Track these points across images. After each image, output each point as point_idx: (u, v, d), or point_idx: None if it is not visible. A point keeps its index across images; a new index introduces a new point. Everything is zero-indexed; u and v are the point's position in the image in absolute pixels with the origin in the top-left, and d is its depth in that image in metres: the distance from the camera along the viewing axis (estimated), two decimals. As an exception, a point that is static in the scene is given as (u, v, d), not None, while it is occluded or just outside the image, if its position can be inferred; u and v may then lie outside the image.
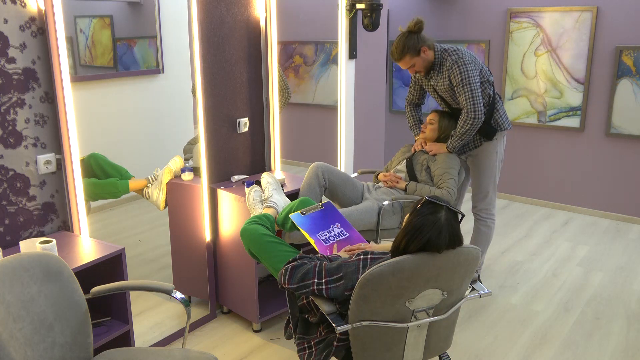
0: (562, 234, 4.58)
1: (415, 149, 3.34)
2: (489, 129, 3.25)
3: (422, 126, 3.38)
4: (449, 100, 3.25)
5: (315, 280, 1.96)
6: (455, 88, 3.11)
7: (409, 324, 1.91)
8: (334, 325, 1.87)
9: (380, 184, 3.28)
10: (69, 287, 1.94)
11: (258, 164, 3.46)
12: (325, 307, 1.93)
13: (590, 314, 3.29)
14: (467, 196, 5.21)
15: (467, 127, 3.09)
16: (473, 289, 2.14)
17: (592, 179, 4.97)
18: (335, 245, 2.51)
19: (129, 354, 2.00)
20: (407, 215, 1.94)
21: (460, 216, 1.94)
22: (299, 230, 2.59)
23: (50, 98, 2.40)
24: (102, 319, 2.48)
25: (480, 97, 3.07)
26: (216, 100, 3.10)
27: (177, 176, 3.05)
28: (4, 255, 2.26)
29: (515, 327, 3.15)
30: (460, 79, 3.06)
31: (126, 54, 2.77)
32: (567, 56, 4.84)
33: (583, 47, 4.76)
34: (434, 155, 3.22)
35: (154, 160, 2.98)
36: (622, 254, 4.17)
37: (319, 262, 2.02)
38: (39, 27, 2.32)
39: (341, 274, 1.94)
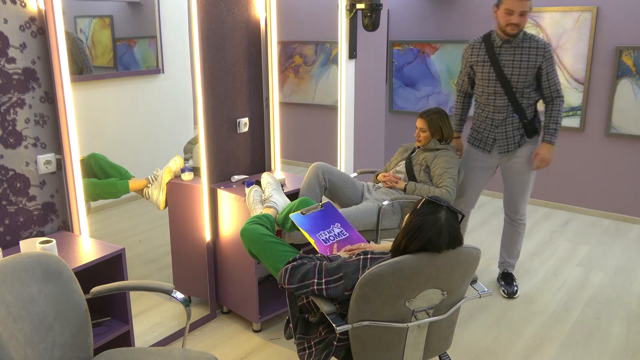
0: (562, 234, 4.57)
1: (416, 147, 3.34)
2: (533, 127, 3.24)
3: (415, 135, 3.34)
4: (514, 81, 3.14)
5: (315, 280, 1.96)
6: (546, 73, 3.15)
7: (409, 324, 1.91)
8: (334, 325, 1.87)
9: (379, 184, 3.28)
10: (69, 287, 1.94)
11: (258, 164, 3.46)
12: (325, 307, 1.93)
13: (590, 314, 3.29)
14: (480, 200, 5.13)
15: (561, 112, 3.19)
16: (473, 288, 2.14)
17: (592, 179, 4.97)
18: (335, 245, 2.51)
19: (129, 354, 2.00)
20: (407, 215, 1.94)
21: (460, 216, 1.94)
22: (299, 230, 2.59)
23: (50, 98, 2.40)
24: (102, 319, 2.48)
25: None
26: (216, 100, 3.10)
27: (177, 176, 3.05)
28: (4, 255, 2.26)
29: (515, 327, 3.15)
30: (550, 63, 3.14)
31: (126, 54, 2.77)
32: (567, 56, 4.84)
33: (583, 47, 4.76)
34: (547, 161, 3.20)
35: (154, 160, 2.98)
36: (622, 254, 4.17)
37: (319, 262, 2.02)
38: (39, 27, 2.32)
39: (341, 274, 1.94)
